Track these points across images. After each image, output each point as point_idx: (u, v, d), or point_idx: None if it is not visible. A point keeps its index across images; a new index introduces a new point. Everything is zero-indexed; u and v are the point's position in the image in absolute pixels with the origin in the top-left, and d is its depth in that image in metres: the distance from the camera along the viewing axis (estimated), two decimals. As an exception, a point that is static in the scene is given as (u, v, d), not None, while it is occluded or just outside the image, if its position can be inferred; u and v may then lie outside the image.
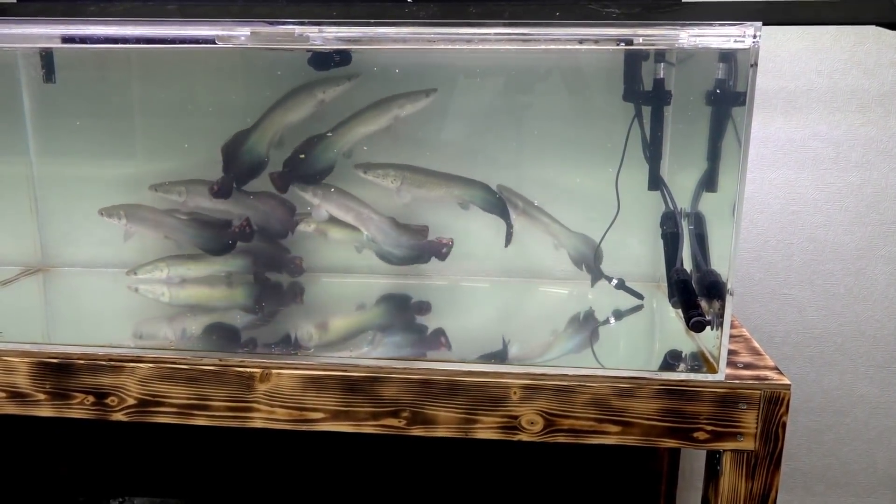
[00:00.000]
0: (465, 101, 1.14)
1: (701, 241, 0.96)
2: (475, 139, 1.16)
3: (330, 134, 1.12)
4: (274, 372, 0.86)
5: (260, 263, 1.20)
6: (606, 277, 1.13)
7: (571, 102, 1.14)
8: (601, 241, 1.13)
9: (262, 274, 1.21)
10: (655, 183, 1.07)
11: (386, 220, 1.17)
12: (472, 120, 1.15)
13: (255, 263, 1.20)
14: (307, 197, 1.15)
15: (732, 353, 0.90)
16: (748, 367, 0.86)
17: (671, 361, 0.92)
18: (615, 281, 1.12)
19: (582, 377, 0.84)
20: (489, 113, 1.15)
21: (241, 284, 1.20)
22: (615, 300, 1.12)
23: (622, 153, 1.09)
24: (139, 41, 0.89)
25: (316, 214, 1.15)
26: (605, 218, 1.12)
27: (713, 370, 0.84)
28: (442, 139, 1.16)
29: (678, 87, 1.04)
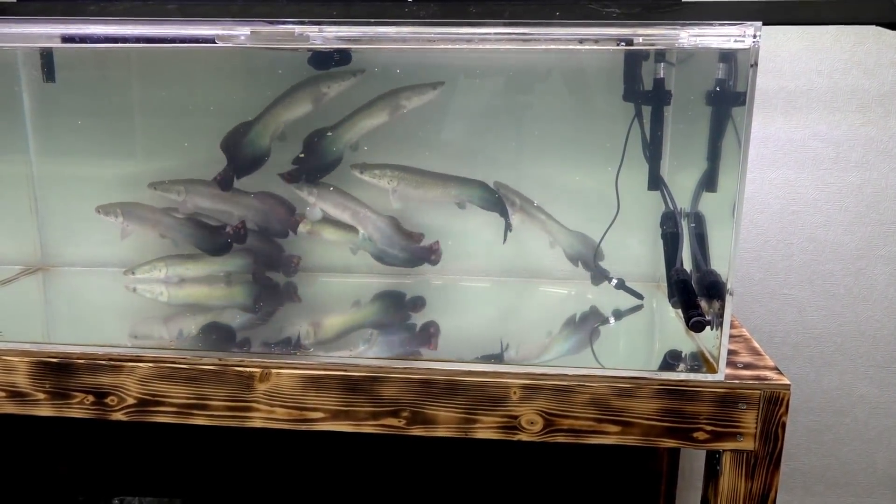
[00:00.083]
0: (465, 100, 1.14)
1: (701, 241, 0.96)
2: (475, 139, 1.16)
3: (330, 134, 1.12)
4: (274, 372, 0.86)
5: (258, 263, 1.20)
6: (607, 277, 1.13)
7: (571, 102, 1.14)
8: (601, 241, 1.13)
9: (260, 273, 1.21)
10: (655, 183, 1.07)
11: (383, 218, 1.17)
12: (472, 120, 1.15)
13: (253, 263, 1.20)
14: (303, 195, 1.15)
15: (732, 353, 0.90)
16: (748, 367, 0.86)
17: (671, 361, 0.92)
18: (615, 281, 1.12)
19: (582, 377, 0.84)
20: (489, 113, 1.15)
21: (239, 284, 1.20)
22: (615, 300, 1.12)
23: (622, 153, 1.09)
24: (139, 41, 0.89)
25: (310, 214, 1.15)
26: (604, 218, 1.12)
27: (713, 370, 0.84)
28: (442, 139, 1.16)
29: (678, 87, 1.04)
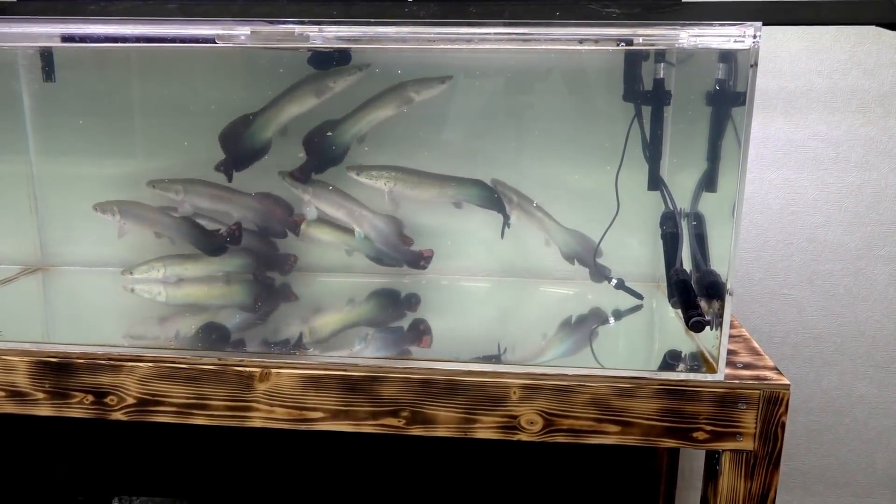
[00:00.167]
0: (465, 100, 1.14)
1: (700, 241, 0.96)
2: (475, 139, 1.16)
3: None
4: (273, 371, 0.86)
5: (258, 262, 1.20)
6: (606, 276, 1.13)
7: (571, 102, 1.14)
8: (601, 240, 1.13)
9: (261, 273, 1.20)
10: (655, 183, 1.07)
11: (381, 217, 1.16)
12: (472, 119, 1.15)
13: (251, 262, 1.20)
14: (298, 193, 1.15)
15: (732, 353, 0.90)
16: (747, 367, 0.86)
17: (671, 361, 0.92)
18: (615, 281, 1.12)
19: (581, 377, 0.84)
20: (489, 112, 1.15)
21: (238, 283, 1.20)
22: (615, 300, 1.12)
23: (622, 153, 1.09)
24: (139, 40, 0.89)
25: (306, 213, 1.15)
26: (604, 218, 1.12)
27: (712, 370, 0.84)
28: (442, 139, 1.16)
29: (678, 87, 1.04)
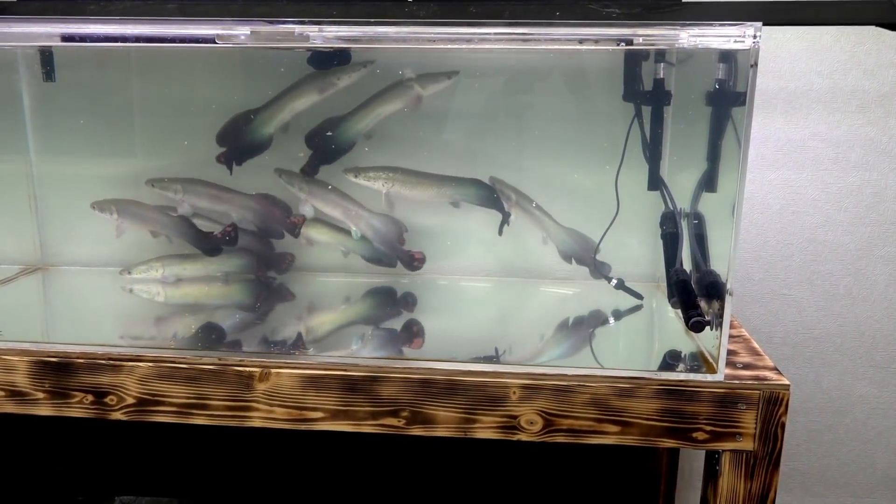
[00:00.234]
0: (465, 100, 1.14)
1: (700, 241, 0.96)
2: (475, 138, 1.16)
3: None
4: (273, 371, 0.86)
5: (259, 262, 1.20)
6: (605, 276, 1.13)
7: (571, 102, 1.14)
8: (600, 240, 1.13)
9: (263, 273, 1.20)
10: (655, 183, 1.07)
11: (377, 216, 1.16)
12: (472, 119, 1.15)
13: (249, 262, 1.20)
14: (294, 191, 1.15)
15: (731, 353, 0.90)
16: (747, 367, 0.86)
17: (670, 361, 0.92)
18: (614, 281, 1.12)
19: (581, 377, 0.84)
20: (489, 112, 1.15)
21: (237, 283, 1.20)
22: (615, 300, 1.12)
23: (622, 153, 1.09)
24: (139, 40, 0.89)
25: (304, 211, 1.15)
26: (604, 218, 1.12)
27: (712, 370, 0.84)
28: (441, 139, 1.16)
29: (678, 87, 1.04)
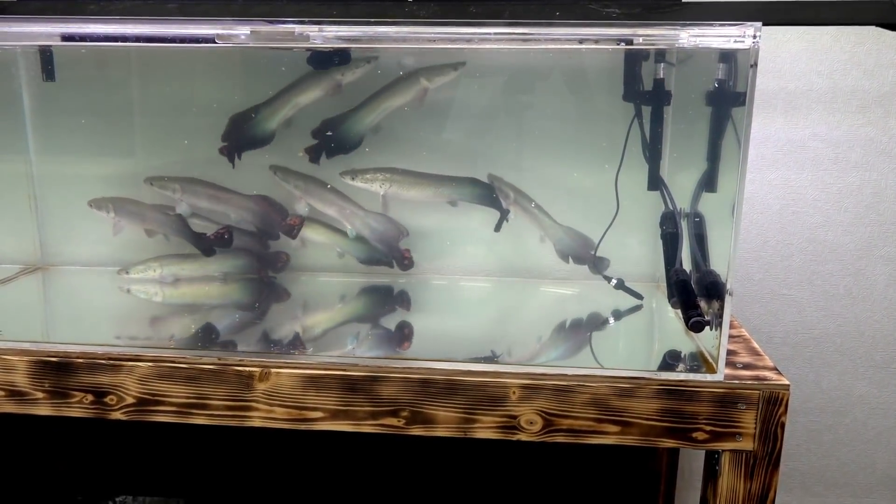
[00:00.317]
0: (465, 100, 1.14)
1: (700, 241, 0.96)
2: (475, 138, 1.16)
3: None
4: (273, 371, 0.86)
5: (256, 262, 1.20)
6: (606, 276, 1.13)
7: (571, 102, 1.14)
8: (600, 241, 1.13)
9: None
10: (655, 183, 1.07)
11: (372, 214, 1.16)
12: (472, 119, 1.15)
13: (246, 262, 1.19)
14: (289, 188, 1.14)
15: (731, 353, 0.90)
16: (747, 367, 0.86)
17: (670, 361, 0.92)
18: (614, 281, 1.12)
19: (581, 377, 0.84)
20: (489, 112, 1.15)
21: (234, 283, 1.20)
22: (615, 300, 1.12)
23: (622, 153, 1.09)
24: (139, 40, 0.89)
25: (296, 208, 1.14)
26: (604, 218, 1.12)
27: (712, 370, 0.84)
28: (441, 139, 1.16)
29: (678, 87, 1.04)
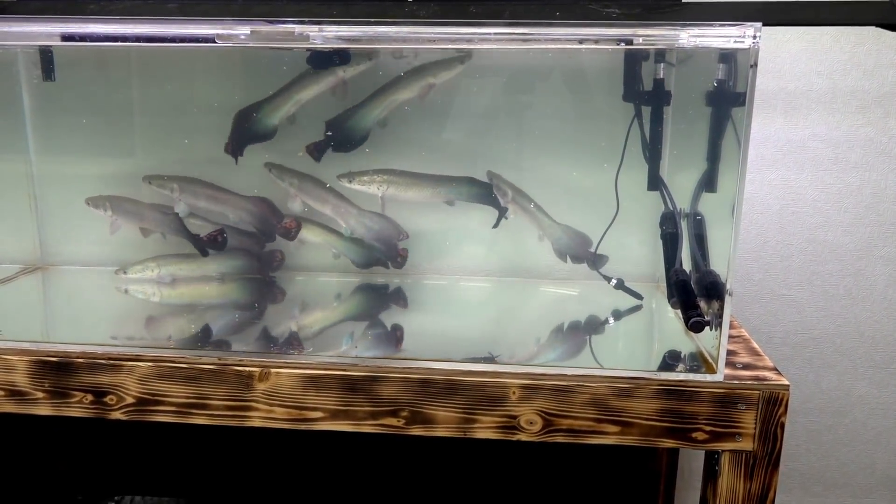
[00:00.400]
0: (465, 100, 1.14)
1: (700, 241, 0.96)
2: (475, 138, 1.16)
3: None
4: (273, 371, 0.86)
5: (246, 262, 1.20)
6: (605, 276, 1.13)
7: (571, 102, 1.14)
8: (600, 241, 1.13)
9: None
10: (655, 183, 1.07)
11: (368, 213, 1.16)
12: (472, 119, 1.15)
13: (243, 262, 1.20)
14: (283, 186, 1.14)
15: (731, 353, 0.90)
16: (747, 367, 0.86)
17: (670, 362, 0.92)
18: (614, 281, 1.12)
19: (581, 377, 0.84)
20: (489, 112, 1.15)
21: (232, 283, 1.20)
22: (614, 300, 1.12)
23: (622, 153, 1.09)
24: (139, 40, 0.89)
25: (290, 206, 1.14)
26: (604, 217, 1.12)
27: (712, 370, 0.84)
28: (442, 139, 1.16)
29: (678, 87, 1.04)
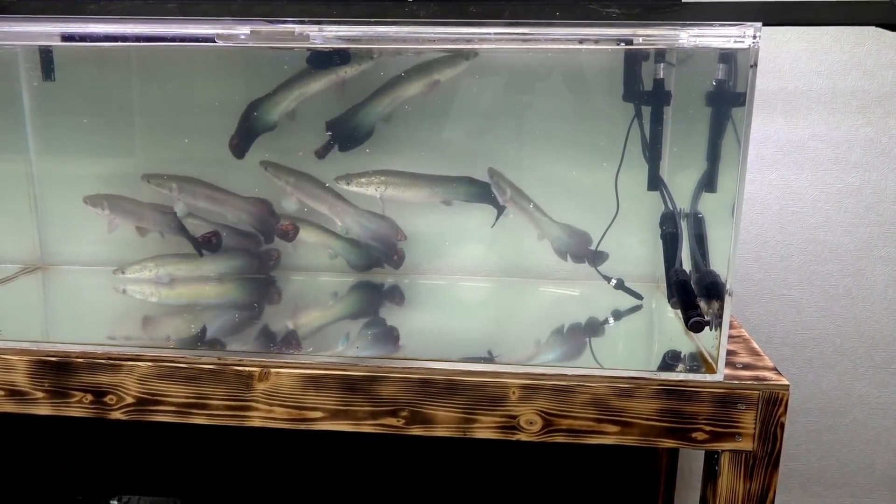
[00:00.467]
0: (465, 100, 1.14)
1: (700, 241, 0.96)
2: (475, 138, 1.16)
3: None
4: (273, 371, 0.86)
5: (244, 262, 1.20)
6: (605, 276, 1.13)
7: (571, 102, 1.14)
8: (600, 241, 1.13)
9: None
10: (655, 183, 1.07)
11: (364, 213, 1.16)
12: (472, 119, 1.15)
13: (241, 262, 1.20)
14: (280, 184, 1.14)
15: (731, 353, 0.90)
16: (747, 367, 0.86)
17: (670, 362, 0.92)
18: (614, 281, 1.12)
19: (581, 377, 0.84)
20: (489, 112, 1.15)
21: (231, 282, 1.20)
22: (614, 300, 1.12)
23: (622, 153, 1.09)
24: (139, 39, 0.89)
25: (286, 205, 1.14)
26: (604, 217, 1.12)
27: (712, 370, 0.84)
28: (442, 139, 1.16)
29: (678, 87, 1.04)
